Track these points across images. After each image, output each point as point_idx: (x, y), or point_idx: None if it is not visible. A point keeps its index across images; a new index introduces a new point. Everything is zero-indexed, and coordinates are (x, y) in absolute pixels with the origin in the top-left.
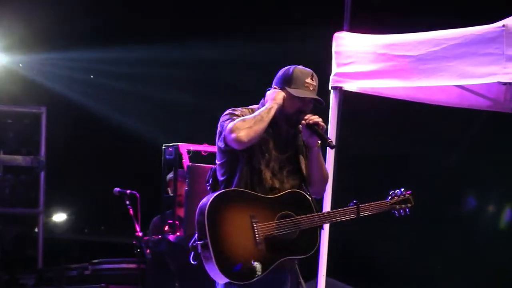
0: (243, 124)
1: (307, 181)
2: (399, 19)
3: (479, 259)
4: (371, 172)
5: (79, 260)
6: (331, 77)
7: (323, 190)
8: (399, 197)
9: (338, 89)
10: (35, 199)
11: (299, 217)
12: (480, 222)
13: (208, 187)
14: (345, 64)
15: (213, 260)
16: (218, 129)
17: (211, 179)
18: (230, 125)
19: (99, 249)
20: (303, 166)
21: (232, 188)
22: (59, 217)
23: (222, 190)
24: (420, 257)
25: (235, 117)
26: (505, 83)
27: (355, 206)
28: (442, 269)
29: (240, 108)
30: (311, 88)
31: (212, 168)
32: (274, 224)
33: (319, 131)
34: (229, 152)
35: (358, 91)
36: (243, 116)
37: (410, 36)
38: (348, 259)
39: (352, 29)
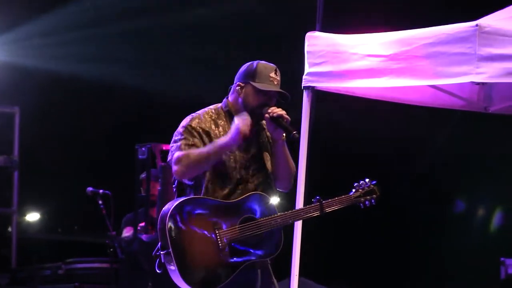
0: (187, 160)
1: (273, 177)
2: (372, 19)
3: (454, 259)
4: (345, 170)
5: (53, 259)
6: (303, 76)
7: (291, 183)
8: (363, 189)
9: (310, 88)
10: (8, 198)
11: (261, 219)
12: (448, 219)
13: (174, 189)
14: (317, 64)
15: (177, 269)
16: (171, 143)
17: (176, 181)
18: (176, 154)
19: (73, 249)
20: (268, 163)
21: (192, 196)
22: (33, 216)
23: (183, 198)
24: (394, 257)
25: (187, 141)
26: (477, 83)
27: (318, 203)
28: (416, 269)
29: (200, 114)
30: (275, 83)
31: None
32: (237, 229)
33: (283, 124)
34: None
35: (331, 91)
36: (200, 132)
37: (382, 35)
38: (321, 258)
39: (324, 29)
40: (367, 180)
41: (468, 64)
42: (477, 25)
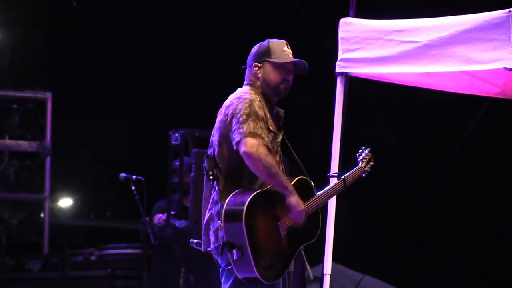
0: (265, 160)
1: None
2: (406, 5)
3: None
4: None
5: (85, 245)
6: (337, 62)
7: None
8: (366, 158)
9: (343, 74)
10: (40, 184)
11: (307, 203)
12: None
13: (211, 177)
14: (351, 50)
15: (253, 266)
16: (234, 120)
17: (215, 170)
18: (258, 141)
19: (105, 235)
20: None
21: (259, 190)
22: (65, 202)
23: (253, 194)
24: (426, 245)
25: (256, 124)
26: (510, 69)
27: (342, 179)
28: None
29: (253, 97)
30: (290, 55)
31: (208, 155)
32: None
33: None
34: None
35: (364, 77)
36: (263, 116)
37: (417, 21)
38: (355, 245)
39: (358, 15)
40: (363, 148)
41: (501, 50)
42: (510, 11)
